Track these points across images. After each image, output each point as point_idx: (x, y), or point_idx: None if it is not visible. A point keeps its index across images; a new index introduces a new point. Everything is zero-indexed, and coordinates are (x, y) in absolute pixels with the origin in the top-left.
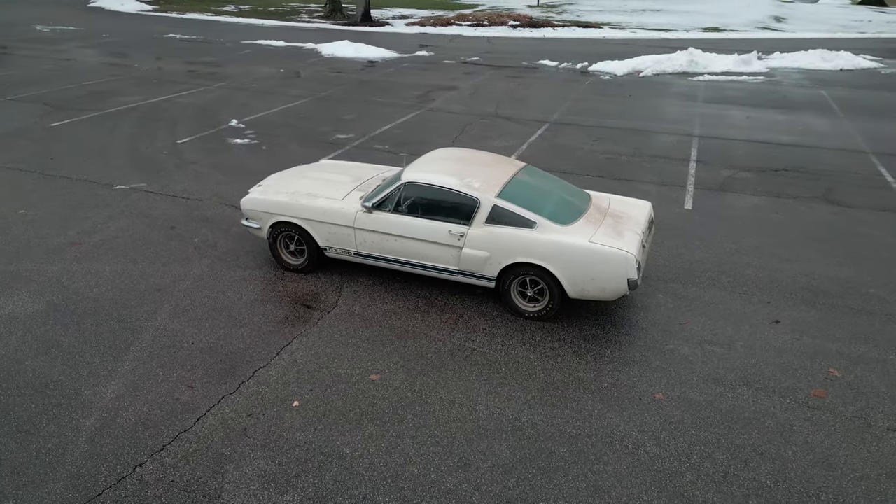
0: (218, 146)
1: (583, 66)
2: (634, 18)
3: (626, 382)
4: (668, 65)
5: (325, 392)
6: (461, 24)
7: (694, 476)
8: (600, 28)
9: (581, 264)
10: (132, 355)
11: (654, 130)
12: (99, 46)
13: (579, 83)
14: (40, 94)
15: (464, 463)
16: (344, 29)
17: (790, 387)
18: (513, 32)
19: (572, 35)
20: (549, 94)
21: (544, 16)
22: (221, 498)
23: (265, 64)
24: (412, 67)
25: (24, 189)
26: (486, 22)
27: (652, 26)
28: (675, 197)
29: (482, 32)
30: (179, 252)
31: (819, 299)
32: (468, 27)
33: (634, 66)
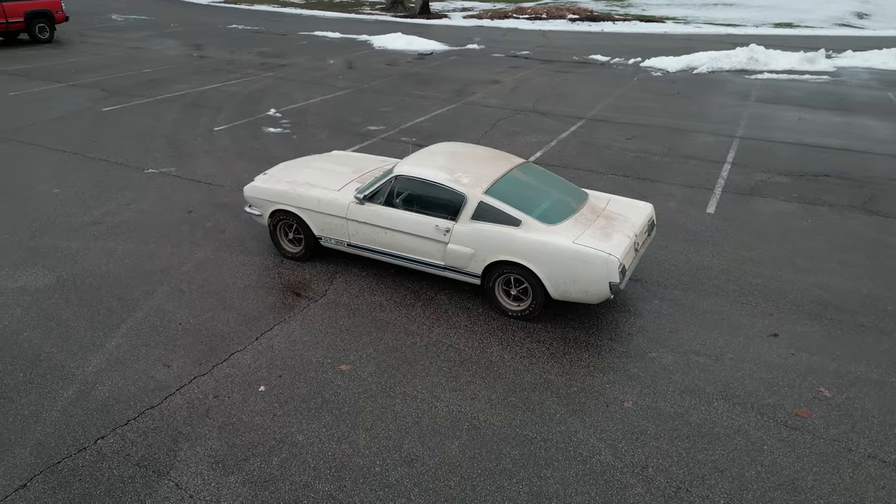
0: (251, 134)
1: (635, 62)
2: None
3: (596, 388)
4: (726, 62)
5: (292, 379)
6: (519, 18)
7: (643, 489)
8: (663, 23)
9: (563, 265)
10: (121, 332)
11: (695, 130)
12: (165, 36)
13: (627, 79)
14: (100, 80)
15: (411, 458)
16: (401, 21)
17: (772, 404)
18: (571, 26)
19: (632, 30)
20: (593, 90)
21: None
22: (170, 475)
23: (317, 55)
24: (459, 61)
25: (64, 169)
26: (544, 15)
27: (720, 21)
28: (699, 200)
29: (539, 26)
30: (190, 235)
31: (828, 314)
32: (526, 21)
33: (689, 62)
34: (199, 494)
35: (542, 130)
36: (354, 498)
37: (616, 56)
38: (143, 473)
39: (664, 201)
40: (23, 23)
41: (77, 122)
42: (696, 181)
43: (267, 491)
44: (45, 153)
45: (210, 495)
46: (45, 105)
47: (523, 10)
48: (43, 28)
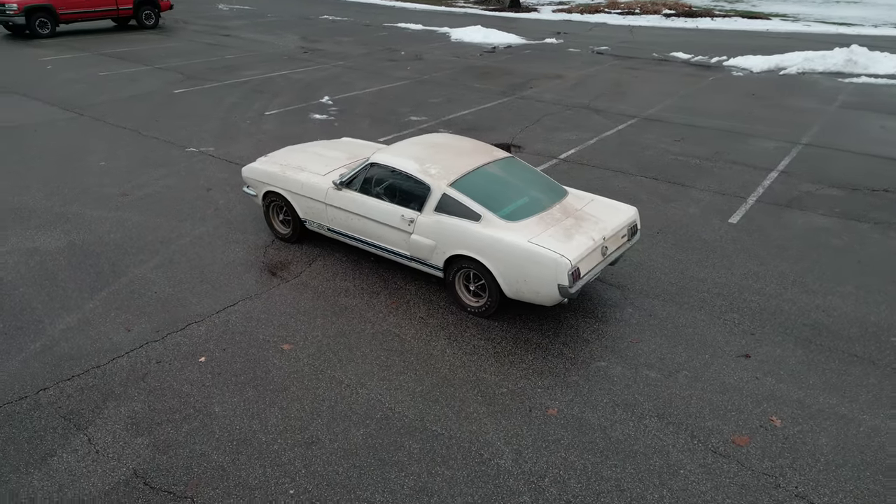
0: (297, 119)
1: (718, 61)
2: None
3: (527, 392)
4: (820, 63)
5: (233, 353)
6: (611, 13)
7: (531, 498)
8: (768, 20)
9: (514, 263)
10: (101, 296)
11: (756, 134)
12: (258, 25)
13: (702, 78)
14: (183, 64)
15: (312, 441)
16: (488, 14)
17: (709, 428)
18: (664, 22)
19: (731, 26)
20: (660, 89)
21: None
22: (87, 430)
23: (392, 46)
24: (531, 55)
25: (116, 144)
26: (637, 10)
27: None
28: (726, 208)
29: (629, 22)
30: (199, 211)
31: (819, 339)
32: (617, 15)
33: (778, 62)
34: (104, 451)
35: (587, 128)
36: (243, 472)
37: (700, 54)
38: (65, 426)
39: (686, 207)
40: (131, 10)
41: (147, 101)
42: (732, 188)
43: (166, 455)
44: (107, 128)
45: (114, 453)
46: (126, 85)
47: (616, 4)
48: (149, 15)
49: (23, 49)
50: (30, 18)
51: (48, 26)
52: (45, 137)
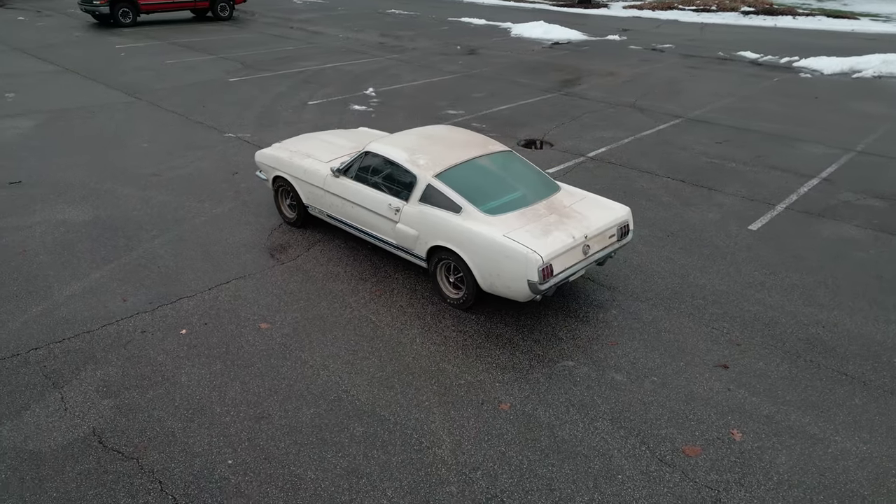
0: (337, 110)
1: (788, 61)
2: None
3: (484, 385)
4: None
5: (213, 328)
6: (684, 9)
7: (458, 489)
8: (856, 20)
9: (488, 257)
10: (109, 267)
11: (806, 139)
12: (326, 18)
13: (765, 79)
14: (245, 54)
15: (262, 416)
16: (556, 10)
17: (662, 436)
18: (740, 20)
19: (812, 25)
20: (715, 89)
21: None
22: (62, 389)
23: (449, 40)
24: (589, 51)
25: (162, 128)
26: (714, 7)
27: None
28: (749, 214)
29: (703, 19)
30: (220, 193)
31: (810, 355)
32: (691, 12)
33: (854, 64)
34: (73, 409)
35: (625, 126)
36: (191, 439)
37: (770, 53)
38: (44, 383)
39: (706, 211)
40: (207, 2)
41: (201, 89)
42: (763, 194)
43: (125, 418)
44: (159, 113)
45: (80, 412)
46: (187, 73)
47: (691, 0)
48: (224, 7)
49: (104, 37)
50: (113, 8)
51: (129, 16)
52: (102, 119)
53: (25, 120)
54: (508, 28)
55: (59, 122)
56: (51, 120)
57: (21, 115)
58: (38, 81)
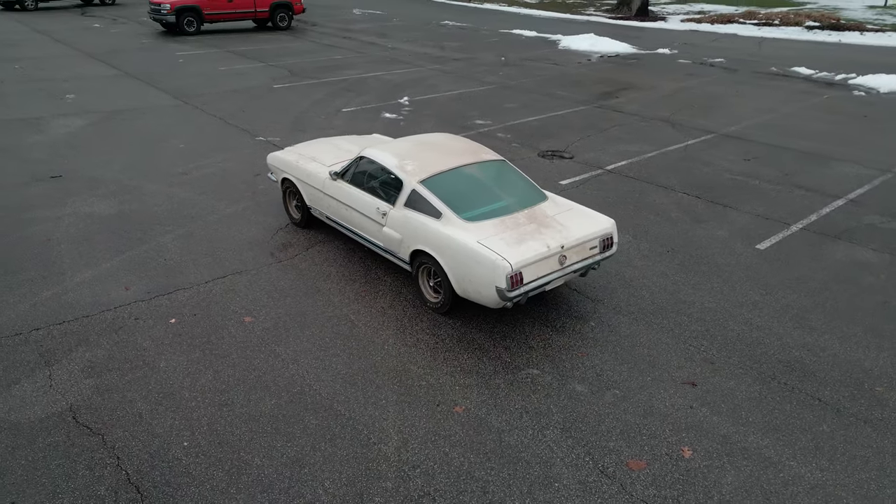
0: (369, 117)
1: (843, 78)
2: None
3: (444, 388)
4: None
5: (200, 319)
6: (745, 23)
7: (393, 485)
8: None
9: (462, 262)
10: (121, 258)
11: (842, 158)
12: (380, 28)
13: (815, 95)
14: (293, 62)
15: (226, 403)
16: (611, 22)
17: (610, 448)
18: (803, 35)
19: (881, 42)
20: (759, 105)
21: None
22: (52, 367)
23: (495, 51)
24: (635, 64)
25: (201, 130)
26: (776, 21)
27: None
28: (759, 233)
29: (764, 33)
30: (238, 193)
31: (785, 378)
32: (752, 26)
33: None
34: (56, 386)
35: (653, 140)
36: (155, 421)
37: (825, 70)
38: (36, 360)
39: (715, 228)
40: (267, 12)
41: (244, 94)
42: (780, 213)
43: (101, 397)
44: (201, 116)
45: (63, 389)
46: (236, 79)
47: (753, 15)
48: (283, 17)
49: (167, 44)
50: (179, 17)
51: (194, 24)
52: (147, 121)
53: (78, 119)
54: (557, 40)
55: (107, 123)
56: (101, 120)
57: (75, 114)
58: (99, 84)
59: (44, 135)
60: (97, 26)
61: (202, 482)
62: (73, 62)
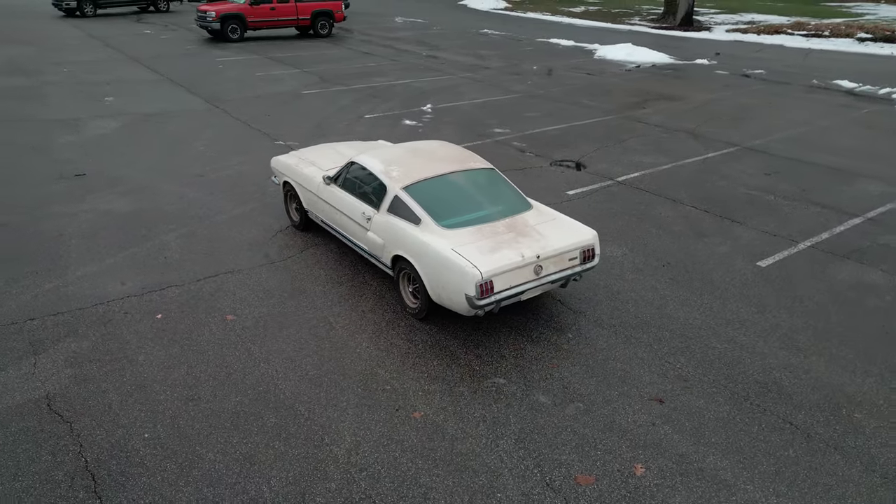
0: (389, 124)
1: (887, 92)
2: None
3: (407, 393)
4: None
5: (185, 315)
6: (793, 34)
7: (338, 486)
8: None
9: (435, 268)
10: (124, 254)
11: (867, 175)
12: (417, 37)
13: (855, 109)
14: (326, 69)
15: (192, 398)
16: (654, 32)
17: (561, 461)
18: (854, 47)
19: None
20: (792, 118)
21: None
22: (39, 356)
23: (528, 60)
24: (670, 75)
25: (224, 133)
26: (827, 33)
27: None
28: (765, 250)
29: (814, 44)
30: (248, 195)
31: (759, 400)
32: (801, 37)
33: None
34: (39, 374)
35: (671, 153)
36: (122, 412)
37: (870, 83)
38: (26, 349)
39: (717, 244)
40: (309, 20)
41: (273, 100)
42: (789, 230)
43: (78, 387)
44: (227, 120)
45: (44, 377)
46: (268, 84)
47: (803, 25)
48: (324, 25)
49: (210, 50)
50: (224, 24)
51: (238, 32)
52: (176, 123)
53: (112, 121)
54: (594, 50)
55: (139, 125)
56: (133, 122)
57: (111, 116)
58: (138, 88)
59: (78, 135)
60: (148, 32)
61: (154, 473)
62: (118, 66)
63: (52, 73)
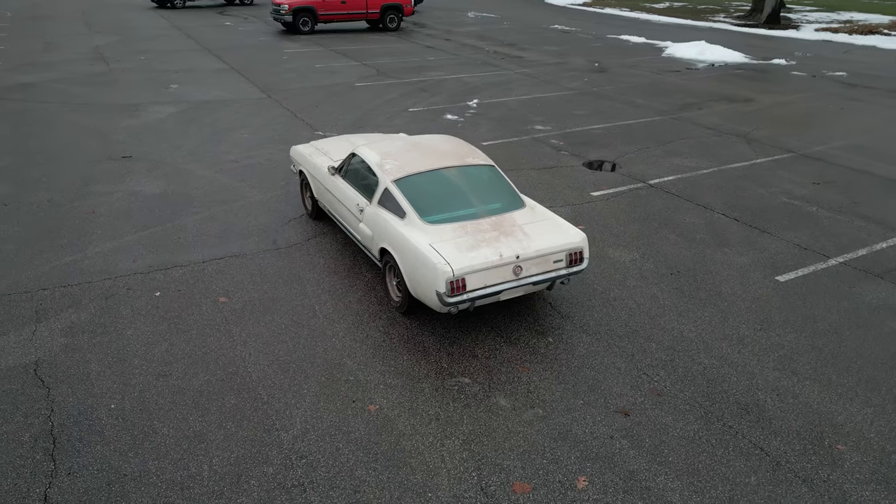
0: (430, 118)
1: None
2: None
3: (369, 385)
4: None
5: (182, 294)
6: (890, 34)
7: (275, 471)
8: None
9: (412, 263)
10: (143, 233)
11: None
12: (485, 32)
13: None
14: (385, 62)
15: (164, 374)
16: (737, 30)
17: (503, 466)
18: None
19: None
20: (860, 124)
21: None
22: (39, 324)
23: (590, 56)
24: (740, 75)
25: (270, 122)
26: None
27: None
28: (788, 264)
29: None
30: (273, 182)
31: (733, 421)
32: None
33: None
34: (35, 341)
35: (716, 157)
36: (97, 382)
37: None
38: (30, 316)
39: (737, 255)
40: (378, 14)
41: (326, 91)
42: (823, 244)
43: (66, 356)
44: (276, 109)
45: (38, 344)
46: (325, 76)
47: None
48: (392, 18)
49: (280, 42)
50: (296, 17)
51: (308, 24)
52: (227, 111)
53: (171, 107)
54: (664, 47)
55: (194, 111)
56: (189, 109)
57: (170, 103)
58: (203, 76)
59: (135, 119)
60: (228, 24)
61: (109, 443)
62: (191, 56)
63: (129, 61)
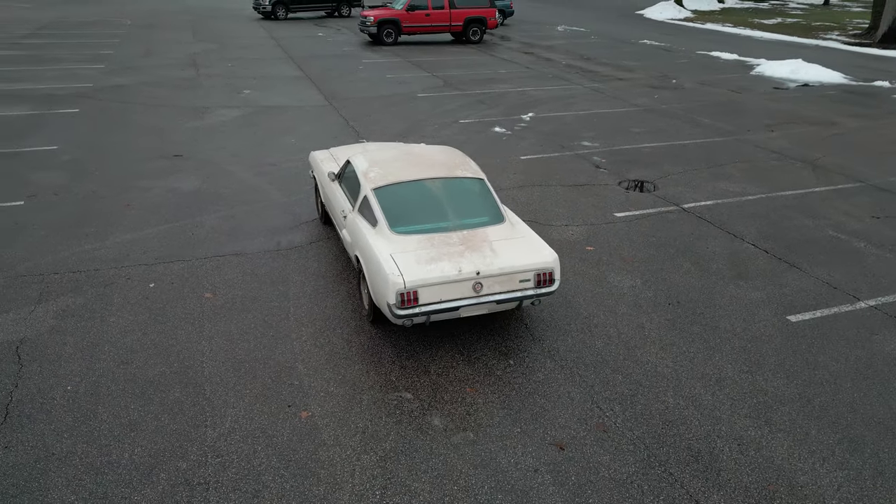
0: (478, 130)
1: None
2: None
3: (310, 392)
4: None
5: (172, 287)
6: None
7: (188, 466)
8: None
9: (373, 272)
10: (163, 227)
11: None
12: (567, 46)
13: None
14: (453, 74)
15: (126, 362)
16: (847, 49)
17: (408, 487)
18: None
19: None
20: None
21: None
22: (38, 305)
23: (675, 73)
24: (831, 97)
25: (321, 128)
26: None
27: None
28: (808, 303)
29: None
30: (299, 186)
31: (675, 468)
32: None
33: None
34: (28, 321)
35: (769, 183)
36: (66, 364)
37: None
38: (34, 298)
39: (754, 290)
40: (461, 26)
41: (387, 101)
42: (858, 284)
43: (49, 337)
44: (332, 116)
45: (29, 323)
46: (392, 86)
47: None
48: (475, 31)
49: (362, 52)
50: (380, 29)
51: (392, 36)
52: (285, 117)
53: (236, 111)
54: (755, 65)
55: (254, 116)
56: (251, 113)
57: (237, 107)
58: (277, 83)
59: (200, 121)
60: (321, 35)
61: (52, 422)
62: (274, 64)
63: (218, 67)
